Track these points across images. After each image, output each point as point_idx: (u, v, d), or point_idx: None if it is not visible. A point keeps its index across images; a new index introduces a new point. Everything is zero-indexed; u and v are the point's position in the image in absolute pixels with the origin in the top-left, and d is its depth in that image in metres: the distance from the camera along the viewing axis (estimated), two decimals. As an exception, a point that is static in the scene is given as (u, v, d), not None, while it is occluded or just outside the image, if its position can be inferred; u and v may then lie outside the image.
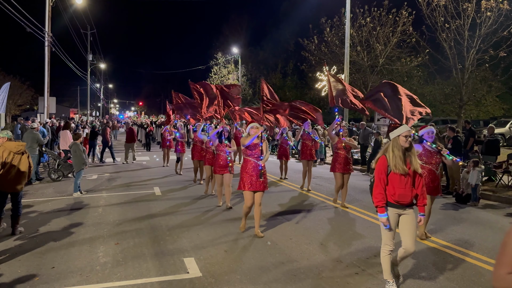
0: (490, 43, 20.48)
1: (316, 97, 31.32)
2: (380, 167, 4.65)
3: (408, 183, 4.58)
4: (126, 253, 6.21)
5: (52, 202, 9.97)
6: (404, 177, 4.55)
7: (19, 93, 48.76)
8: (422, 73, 28.42)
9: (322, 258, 5.97)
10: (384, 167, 4.62)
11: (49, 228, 7.62)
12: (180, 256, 6.04)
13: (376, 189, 4.63)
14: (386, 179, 4.61)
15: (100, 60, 56.67)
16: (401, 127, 4.72)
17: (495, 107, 30.40)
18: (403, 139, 4.58)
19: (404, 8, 23.92)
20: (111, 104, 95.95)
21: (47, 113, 21.89)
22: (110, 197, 10.66)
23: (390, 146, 4.65)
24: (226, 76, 47.61)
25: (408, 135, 4.58)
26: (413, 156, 4.63)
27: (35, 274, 5.37)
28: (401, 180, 4.55)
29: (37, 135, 12.49)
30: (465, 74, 21.43)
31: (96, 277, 5.28)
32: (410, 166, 4.59)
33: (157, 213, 8.83)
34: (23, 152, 7.18)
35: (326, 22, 27.16)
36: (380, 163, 4.66)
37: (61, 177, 13.25)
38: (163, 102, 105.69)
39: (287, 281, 5.15)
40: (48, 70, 21.67)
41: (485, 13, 19.62)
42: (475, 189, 9.73)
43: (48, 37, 21.32)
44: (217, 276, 5.28)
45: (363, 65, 26.46)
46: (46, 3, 21.25)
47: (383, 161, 4.65)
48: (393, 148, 4.61)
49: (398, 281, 4.90)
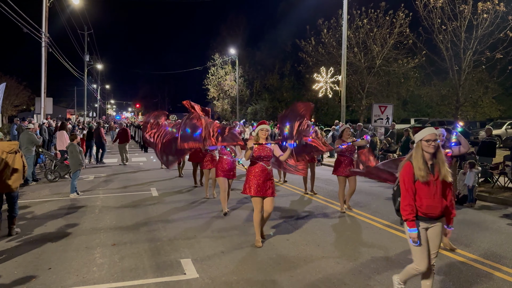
0: (487, 44, 20.61)
1: (314, 98, 31.42)
2: (405, 175, 4.13)
3: (437, 193, 4.08)
4: (123, 254, 6.20)
5: (49, 203, 9.94)
6: (433, 187, 4.06)
7: (15, 94, 48.59)
8: (419, 74, 28.53)
9: (319, 259, 5.97)
10: (410, 175, 4.10)
11: (45, 229, 7.60)
12: (177, 257, 6.04)
13: (405, 200, 4.10)
14: (414, 188, 4.09)
15: (97, 61, 56.65)
16: (424, 130, 4.18)
17: (491, 109, 30.54)
18: (425, 144, 4.07)
19: (401, 9, 24.04)
20: (108, 105, 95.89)
21: (44, 114, 21.84)
22: (107, 198, 10.64)
23: (414, 152, 4.17)
24: (224, 77, 47.61)
25: (432, 139, 4.04)
26: (441, 163, 4.10)
27: (32, 275, 5.36)
28: (429, 189, 4.06)
29: (32, 136, 12.46)
30: (461, 75, 21.55)
31: (93, 278, 5.27)
32: (439, 174, 4.07)
33: (154, 214, 8.81)
34: (16, 151, 7.16)
35: (323, 23, 27.26)
36: (405, 170, 4.15)
37: (57, 178, 13.22)
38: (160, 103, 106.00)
39: (284, 282, 5.16)
40: (45, 70, 21.62)
41: (481, 15, 19.75)
42: (472, 190, 9.76)
43: (45, 37, 21.28)
44: (214, 277, 5.27)
45: (360, 66, 26.55)
46: (43, 4, 21.22)
47: (408, 168, 4.13)
48: (415, 154, 4.13)
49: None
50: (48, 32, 21.91)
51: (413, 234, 4.07)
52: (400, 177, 4.19)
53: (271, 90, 46.18)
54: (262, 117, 40.60)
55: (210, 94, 49.27)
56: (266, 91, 46.59)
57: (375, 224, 7.97)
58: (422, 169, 4.03)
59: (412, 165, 4.10)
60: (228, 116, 46.96)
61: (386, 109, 17.80)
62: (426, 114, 33.18)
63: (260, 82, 47.60)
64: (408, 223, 4.09)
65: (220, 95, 48.91)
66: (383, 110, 17.70)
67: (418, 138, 4.15)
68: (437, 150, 4.10)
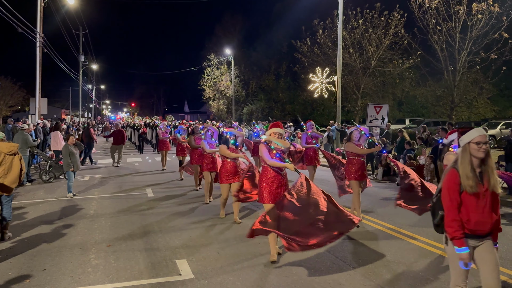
0: (481, 45, 20.72)
1: (309, 98, 31.48)
2: (450, 184, 3.51)
3: (487, 206, 3.47)
4: (118, 255, 6.18)
5: (44, 204, 9.90)
6: (482, 199, 3.46)
7: (10, 94, 48.44)
8: (414, 75, 28.65)
9: (315, 260, 5.97)
10: (456, 184, 3.48)
11: (40, 230, 7.56)
12: (173, 257, 6.03)
13: (450, 214, 3.49)
14: (460, 200, 3.49)
15: (92, 61, 56.40)
16: (472, 130, 3.61)
17: (486, 109, 30.69)
18: (474, 147, 3.48)
19: (396, 10, 24.11)
20: (103, 105, 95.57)
21: (39, 114, 21.73)
22: (102, 199, 10.60)
23: (460, 157, 3.55)
24: (219, 77, 47.59)
25: (483, 141, 3.48)
26: (490, 171, 3.50)
27: (26, 276, 5.33)
28: (478, 202, 3.46)
29: (26, 136, 12.40)
30: (456, 76, 21.66)
31: (88, 279, 5.25)
32: (488, 184, 3.48)
33: (149, 215, 8.79)
34: (15, 153, 7.04)
35: (318, 24, 27.31)
36: (449, 179, 3.53)
37: (52, 179, 13.16)
38: (155, 103, 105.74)
39: (280, 282, 5.16)
40: (39, 71, 21.52)
41: (476, 15, 19.85)
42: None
43: (39, 37, 21.18)
44: (210, 278, 5.27)
45: (355, 67, 26.63)
46: (38, 4, 21.12)
47: (453, 175, 3.52)
48: (462, 160, 3.51)
49: None
50: (43, 32, 21.81)
51: (464, 255, 3.45)
52: (443, 186, 3.58)
53: (267, 90, 46.20)
54: (258, 118, 40.59)
55: (206, 94, 49.26)
56: (261, 92, 46.61)
57: (371, 224, 7.97)
58: (470, 178, 3.43)
59: (458, 173, 3.49)
60: (223, 117, 46.94)
61: (381, 109, 17.83)
62: (421, 115, 33.31)
63: (256, 83, 47.61)
64: (456, 242, 3.46)
65: (215, 96, 48.91)
66: (378, 110, 17.72)
67: (465, 140, 3.56)
68: (487, 155, 3.51)
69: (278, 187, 5.86)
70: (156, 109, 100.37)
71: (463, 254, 3.44)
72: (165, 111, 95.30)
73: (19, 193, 11.03)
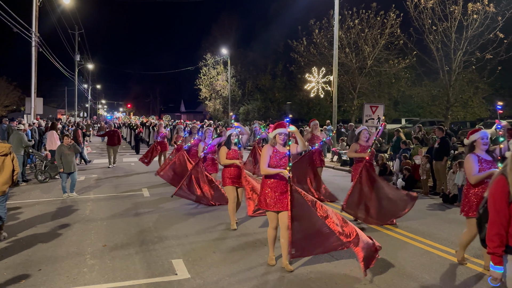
0: (477, 45, 20.76)
1: (305, 98, 31.46)
2: (497, 194, 3.10)
3: None
4: (114, 255, 6.17)
5: (39, 204, 9.87)
6: None
7: (5, 94, 48.19)
8: (410, 74, 28.68)
9: (311, 259, 5.98)
10: (504, 194, 3.05)
11: (35, 230, 7.54)
12: (169, 257, 6.02)
13: (493, 228, 3.08)
14: (508, 212, 3.06)
15: (88, 61, 56.28)
16: None
17: (481, 109, 30.75)
18: None
19: (392, 10, 24.12)
20: (99, 105, 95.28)
21: (34, 114, 21.64)
22: (98, 199, 10.58)
23: (509, 162, 3.11)
24: (215, 77, 47.53)
25: None
26: None
27: (22, 276, 5.32)
28: None
29: (22, 136, 12.34)
30: (452, 76, 21.70)
31: (84, 279, 5.25)
32: None
33: (145, 214, 8.78)
34: (7, 154, 6.96)
35: (314, 23, 27.29)
36: (497, 187, 3.11)
37: (48, 179, 13.12)
38: (152, 103, 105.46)
39: (276, 282, 5.16)
40: (35, 70, 21.43)
41: (471, 15, 19.89)
42: (462, 189, 9.83)
43: (35, 37, 21.09)
44: (206, 278, 5.27)
45: (351, 66, 26.63)
46: (33, 3, 21.02)
47: (501, 183, 3.10)
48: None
49: None
50: (39, 32, 21.71)
51: (497, 274, 3.11)
52: (490, 196, 3.18)
53: (263, 90, 46.19)
54: (254, 117, 40.59)
55: (202, 94, 49.16)
56: (258, 91, 46.59)
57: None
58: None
59: (507, 180, 3.06)
60: (220, 116, 46.90)
61: (377, 109, 17.85)
62: (417, 114, 33.40)
63: (252, 82, 47.58)
64: (493, 259, 3.11)
65: (212, 95, 48.82)
66: (374, 110, 17.74)
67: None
68: None
69: (282, 193, 5.43)
70: (152, 109, 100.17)
71: (497, 273, 3.12)
72: (161, 110, 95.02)
73: (14, 193, 10.99)
